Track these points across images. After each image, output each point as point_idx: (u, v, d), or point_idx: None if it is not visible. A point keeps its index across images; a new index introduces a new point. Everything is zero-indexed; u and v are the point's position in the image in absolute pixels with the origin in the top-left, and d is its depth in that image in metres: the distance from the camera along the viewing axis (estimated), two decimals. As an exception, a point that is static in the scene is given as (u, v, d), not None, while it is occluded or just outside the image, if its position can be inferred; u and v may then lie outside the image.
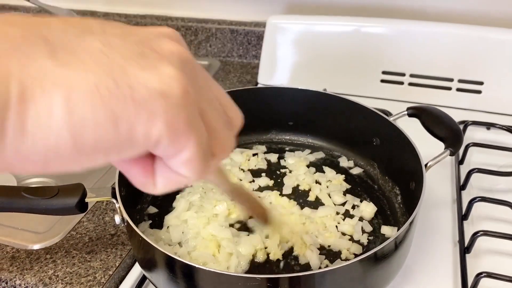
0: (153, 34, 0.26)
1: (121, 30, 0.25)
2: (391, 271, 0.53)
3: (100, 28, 0.24)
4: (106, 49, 0.23)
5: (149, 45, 0.25)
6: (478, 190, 0.73)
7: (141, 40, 0.25)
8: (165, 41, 0.26)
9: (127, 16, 1.19)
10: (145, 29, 0.27)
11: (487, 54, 0.88)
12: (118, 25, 0.26)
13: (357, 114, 0.73)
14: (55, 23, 0.23)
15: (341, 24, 0.96)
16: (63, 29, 0.23)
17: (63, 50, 0.22)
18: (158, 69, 0.23)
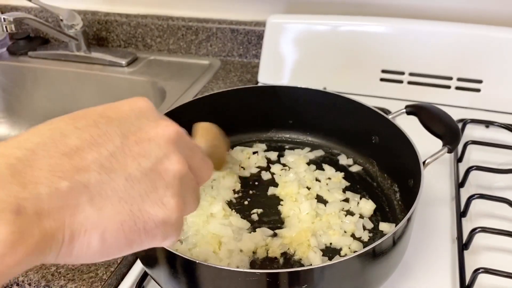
0: (160, 150, 0.32)
1: (137, 146, 0.32)
2: (389, 267, 0.53)
3: (120, 148, 0.31)
4: (128, 185, 0.30)
5: (158, 171, 0.31)
6: (477, 187, 0.74)
7: (153, 164, 0.31)
8: (170, 162, 0.32)
9: (128, 16, 1.20)
10: (155, 138, 0.33)
11: (486, 53, 0.89)
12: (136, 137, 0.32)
13: (356, 112, 0.74)
14: (91, 157, 0.29)
15: (340, 23, 0.97)
16: (97, 165, 0.29)
17: (98, 195, 0.29)
18: (164, 204, 0.31)
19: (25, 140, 0.28)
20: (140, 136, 0.32)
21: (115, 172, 0.30)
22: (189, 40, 1.18)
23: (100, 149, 0.30)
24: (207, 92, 1.00)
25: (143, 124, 0.33)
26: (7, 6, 1.30)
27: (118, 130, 0.31)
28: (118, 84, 1.14)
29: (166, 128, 0.33)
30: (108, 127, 0.31)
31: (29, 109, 1.25)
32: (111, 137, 0.30)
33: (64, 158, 0.28)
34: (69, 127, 0.30)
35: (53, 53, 1.21)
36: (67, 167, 0.28)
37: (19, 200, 0.26)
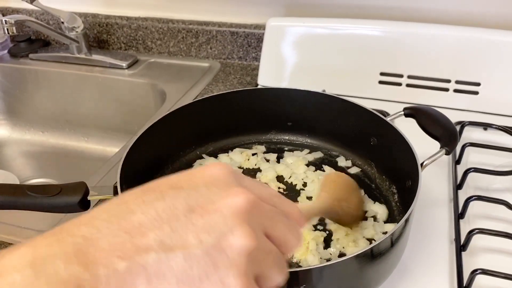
0: (226, 223, 0.29)
1: (201, 219, 0.29)
2: (387, 268, 0.54)
3: (183, 224, 0.29)
4: (187, 265, 0.28)
5: (221, 247, 0.28)
6: (475, 189, 0.74)
7: (217, 240, 0.28)
8: (235, 237, 0.29)
9: (129, 18, 1.21)
10: (223, 209, 0.30)
11: (484, 56, 0.90)
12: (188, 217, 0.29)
13: (355, 114, 0.74)
14: (152, 234, 0.28)
15: (339, 26, 0.98)
16: (157, 243, 0.28)
17: (156, 277, 0.27)
18: (224, 285, 0.28)
19: (93, 217, 0.29)
20: (207, 208, 0.29)
21: (174, 250, 0.28)
22: (189, 43, 1.19)
23: (162, 225, 0.28)
24: (207, 94, 1.01)
25: (213, 194, 0.30)
26: (8, 8, 1.31)
27: (185, 203, 0.29)
28: (118, 86, 1.14)
29: (236, 197, 0.30)
30: (174, 200, 0.29)
31: (30, 111, 1.26)
32: (176, 212, 0.29)
33: (126, 236, 0.28)
34: (136, 202, 0.29)
35: (54, 55, 1.22)
36: (128, 246, 0.27)
37: (80, 282, 0.26)
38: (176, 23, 1.17)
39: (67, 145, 1.22)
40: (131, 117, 1.15)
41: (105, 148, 1.19)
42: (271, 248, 0.31)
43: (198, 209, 0.29)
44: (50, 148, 1.23)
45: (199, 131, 0.79)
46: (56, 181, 1.12)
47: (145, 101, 1.13)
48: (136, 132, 0.70)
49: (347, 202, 0.59)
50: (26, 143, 1.25)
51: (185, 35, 1.18)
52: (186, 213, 0.29)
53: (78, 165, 1.17)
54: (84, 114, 1.20)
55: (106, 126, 1.19)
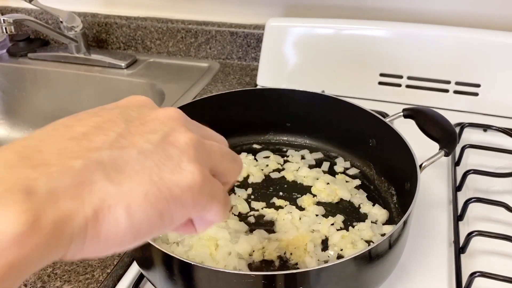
0: (166, 126, 0.31)
1: (142, 126, 0.31)
2: (386, 270, 0.54)
3: (126, 130, 0.30)
4: (142, 157, 0.29)
5: (169, 141, 0.30)
6: (474, 191, 0.74)
7: (162, 137, 0.30)
8: (178, 132, 0.31)
9: (128, 18, 1.20)
10: (158, 117, 0.32)
11: (484, 57, 0.89)
12: (135, 115, 0.32)
13: (353, 115, 0.74)
14: (99, 139, 0.29)
15: (339, 26, 0.97)
16: (107, 144, 0.28)
17: (114, 170, 0.27)
18: (182, 169, 0.30)
19: (30, 136, 0.28)
20: (142, 119, 0.31)
21: (126, 148, 0.29)
22: (188, 43, 1.19)
23: (107, 132, 0.29)
24: (206, 94, 1.00)
25: (143, 111, 0.33)
26: (7, 7, 1.30)
27: (120, 117, 0.31)
28: (117, 86, 1.14)
29: (167, 110, 0.33)
30: (110, 115, 0.31)
31: (28, 111, 1.25)
32: (115, 122, 0.30)
33: (72, 142, 0.28)
34: (71, 120, 0.30)
35: (53, 55, 1.22)
36: (77, 149, 0.27)
37: (28, 181, 0.24)
38: (175, 23, 1.17)
39: (65, 145, 1.21)
40: (129, 117, 1.14)
41: (104, 148, 1.18)
42: (213, 144, 0.34)
43: (135, 120, 0.31)
44: (48, 147, 1.22)
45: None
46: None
47: (144, 101, 1.13)
48: (134, 132, 0.69)
49: None
50: (24, 143, 1.25)
51: (184, 35, 1.18)
52: (125, 123, 0.30)
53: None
54: (82, 114, 1.19)
55: (104, 126, 1.18)
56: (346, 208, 0.68)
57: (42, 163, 0.25)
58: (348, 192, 0.69)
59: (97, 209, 0.26)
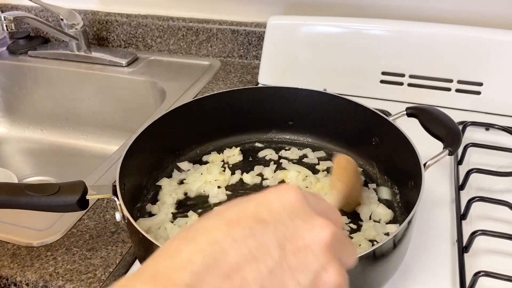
0: (318, 260, 0.30)
1: (294, 258, 0.30)
2: (389, 269, 0.53)
3: (278, 263, 0.29)
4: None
5: (317, 284, 0.30)
6: (477, 190, 0.73)
7: (312, 280, 0.30)
8: (329, 274, 0.30)
9: (129, 16, 1.20)
10: (312, 246, 0.31)
11: (486, 55, 0.89)
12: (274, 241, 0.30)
13: (356, 114, 0.74)
14: (251, 276, 0.28)
15: (341, 25, 0.97)
16: (258, 285, 0.28)
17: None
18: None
19: (188, 261, 0.28)
20: (296, 244, 0.30)
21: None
22: (189, 41, 1.18)
23: (259, 266, 0.29)
24: (207, 92, 1.00)
25: (297, 226, 0.31)
26: (8, 5, 1.30)
27: (274, 239, 0.30)
28: (118, 84, 1.14)
29: (322, 231, 0.31)
30: (264, 237, 0.30)
31: (29, 109, 1.25)
32: (268, 250, 0.29)
33: (226, 282, 0.28)
34: (227, 240, 0.29)
35: (53, 53, 1.21)
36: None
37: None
38: (176, 21, 1.17)
39: (66, 143, 1.21)
40: (130, 115, 1.14)
41: (104, 146, 1.18)
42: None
43: (288, 245, 0.30)
44: (49, 145, 1.22)
45: (198, 130, 0.78)
46: (55, 179, 1.12)
47: (145, 99, 1.13)
48: (136, 131, 0.69)
49: (356, 190, 0.59)
50: (25, 141, 1.24)
51: (185, 33, 1.17)
52: (279, 251, 0.29)
53: (77, 163, 1.16)
54: (83, 112, 1.19)
55: (105, 124, 1.18)
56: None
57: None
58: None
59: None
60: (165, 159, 0.76)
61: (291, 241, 0.30)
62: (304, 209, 0.32)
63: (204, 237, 0.29)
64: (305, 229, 0.31)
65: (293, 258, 0.30)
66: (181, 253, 0.28)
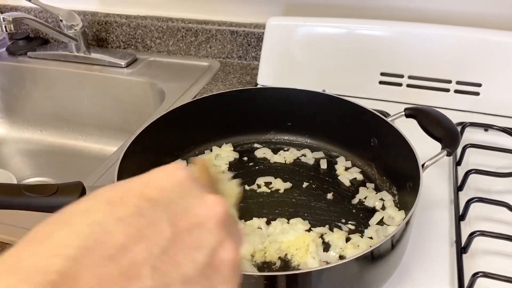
0: (212, 236, 0.29)
1: (187, 236, 0.28)
2: (387, 270, 0.53)
3: (170, 241, 0.27)
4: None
5: (214, 264, 0.28)
6: (476, 191, 0.73)
7: (208, 257, 0.28)
8: (225, 250, 0.29)
9: (128, 17, 1.20)
10: (205, 222, 0.29)
11: (485, 56, 0.89)
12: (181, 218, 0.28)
13: (355, 114, 0.74)
14: (141, 256, 0.25)
15: (340, 25, 0.97)
16: (149, 267, 0.25)
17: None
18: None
19: (62, 245, 0.24)
20: (189, 221, 0.28)
21: (170, 275, 0.26)
22: (188, 42, 1.18)
23: (149, 246, 0.25)
24: (206, 93, 1.00)
25: (189, 203, 0.29)
26: (7, 6, 1.30)
27: (165, 217, 0.27)
28: (117, 85, 1.14)
29: (215, 207, 0.30)
30: (154, 214, 0.27)
31: (28, 109, 1.25)
32: (159, 228, 0.27)
33: (111, 264, 0.24)
34: (109, 220, 0.25)
35: (53, 54, 1.21)
36: (116, 277, 0.24)
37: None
38: (175, 22, 1.17)
39: (65, 144, 1.21)
40: (129, 116, 1.14)
41: (103, 147, 1.18)
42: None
43: (180, 222, 0.28)
44: (48, 146, 1.22)
45: (197, 130, 0.78)
46: (54, 180, 1.11)
47: (144, 100, 1.13)
48: (135, 131, 0.69)
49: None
50: (24, 142, 1.24)
51: (184, 34, 1.17)
52: (170, 228, 0.27)
53: (76, 164, 1.16)
54: (82, 113, 1.19)
55: (104, 125, 1.18)
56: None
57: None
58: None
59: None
60: (164, 160, 0.76)
61: (183, 218, 0.28)
62: (195, 187, 0.30)
63: (81, 219, 0.25)
64: (197, 206, 0.29)
65: (187, 236, 0.27)
66: (51, 237, 0.24)
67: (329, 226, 0.64)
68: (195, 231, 0.28)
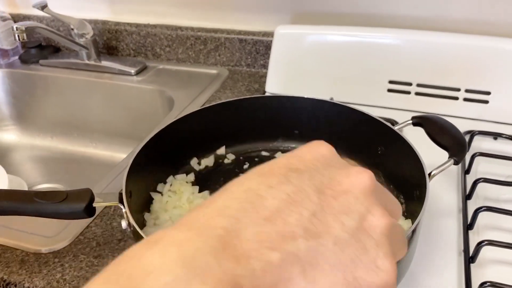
0: (361, 204, 0.28)
1: (335, 202, 0.28)
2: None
3: (319, 206, 0.27)
4: (337, 249, 0.26)
5: (364, 229, 0.28)
6: (484, 200, 0.73)
7: (358, 222, 0.28)
8: (374, 217, 0.28)
9: (138, 25, 1.21)
10: (351, 189, 0.29)
11: (494, 64, 0.89)
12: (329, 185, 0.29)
13: (362, 122, 0.74)
14: (293, 220, 0.26)
15: (348, 34, 0.97)
16: (302, 229, 0.26)
17: (309, 264, 0.25)
18: (378, 268, 0.27)
19: (224, 207, 0.26)
20: (335, 189, 0.29)
21: (321, 236, 0.26)
22: (197, 50, 1.19)
23: (300, 209, 0.27)
24: (214, 101, 1.01)
25: (333, 173, 0.30)
26: (19, 15, 1.32)
27: (311, 184, 0.28)
28: (127, 92, 1.15)
29: (360, 176, 0.30)
30: (301, 182, 0.28)
31: (39, 116, 1.27)
32: (307, 194, 0.27)
33: (267, 224, 0.25)
34: (262, 187, 0.27)
35: (64, 62, 1.23)
36: (273, 236, 0.25)
37: (235, 278, 0.23)
38: (184, 30, 1.18)
39: (75, 151, 1.23)
40: (139, 123, 1.15)
41: (113, 154, 1.19)
42: (400, 226, 0.31)
43: (327, 190, 0.28)
44: (58, 153, 1.23)
45: (206, 138, 0.79)
46: (64, 187, 1.13)
47: (153, 107, 1.14)
48: (143, 138, 0.70)
49: None
50: (35, 148, 1.26)
51: (193, 42, 1.18)
52: (317, 195, 0.28)
53: (86, 171, 1.18)
54: (92, 120, 1.21)
55: (114, 132, 1.19)
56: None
57: (243, 254, 0.24)
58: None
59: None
60: (172, 167, 0.77)
61: (329, 186, 0.29)
62: (338, 160, 0.31)
63: (238, 187, 0.28)
64: (342, 175, 0.30)
65: (334, 202, 0.28)
66: (215, 202, 0.27)
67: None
68: (341, 198, 0.28)
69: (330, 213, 0.27)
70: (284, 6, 1.09)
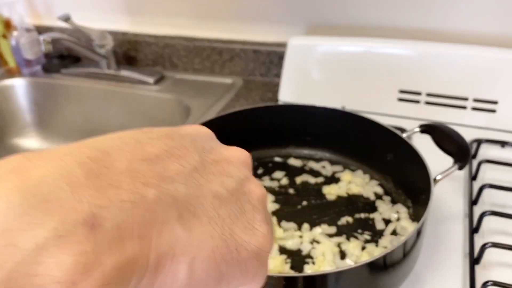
0: (240, 172, 0.28)
1: (216, 165, 0.27)
2: (399, 277, 0.56)
3: (201, 164, 0.26)
4: (217, 203, 0.25)
5: (243, 192, 0.27)
6: (491, 205, 0.75)
7: (238, 185, 0.27)
8: (253, 184, 0.28)
9: (156, 37, 1.26)
10: (230, 159, 0.28)
11: (501, 74, 0.91)
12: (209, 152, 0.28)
13: (372, 130, 0.77)
14: (173, 168, 0.24)
15: (360, 45, 1.01)
16: (182, 178, 0.24)
17: (187, 211, 0.23)
18: (255, 230, 0.26)
19: (94, 142, 0.22)
20: (216, 156, 0.27)
21: (202, 187, 0.25)
22: (213, 60, 1.23)
23: (181, 162, 0.24)
24: (229, 109, 1.04)
25: (214, 145, 0.29)
26: (43, 26, 1.37)
27: (193, 146, 0.26)
28: (145, 101, 1.19)
29: (240, 151, 0.29)
30: (183, 141, 0.26)
31: (60, 123, 1.31)
32: (188, 151, 0.26)
33: (144, 164, 0.22)
34: (142, 136, 0.25)
35: (85, 71, 1.28)
36: (150, 174, 0.22)
37: (94, 209, 0.19)
38: (201, 42, 1.22)
39: (94, 157, 1.26)
40: (156, 131, 1.18)
41: (131, 160, 1.23)
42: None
43: (208, 155, 0.27)
44: (78, 159, 1.27)
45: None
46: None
47: (171, 115, 1.18)
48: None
49: None
50: (56, 155, 1.30)
51: (209, 53, 1.22)
52: (200, 155, 0.26)
53: (105, 177, 1.21)
54: (112, 128, 1.24)
55: (132, 139, 1.23)
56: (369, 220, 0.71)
57: (111, 184, 0.20)
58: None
59: (161, 256, 0.21)
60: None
61: (210, 152, 0.27)
62: (217, 140, 0.30)
63: (113, 134, 0.24)
64: (222, 148, 0.29)
65: (215, 165, 0.27)
66: (82, 141, 0.23)
67: (346, 236, 0.68)
68: (222, 163, 0.27)
69: (211, 172, 0.26)
70: (297, 18, 1.13)
